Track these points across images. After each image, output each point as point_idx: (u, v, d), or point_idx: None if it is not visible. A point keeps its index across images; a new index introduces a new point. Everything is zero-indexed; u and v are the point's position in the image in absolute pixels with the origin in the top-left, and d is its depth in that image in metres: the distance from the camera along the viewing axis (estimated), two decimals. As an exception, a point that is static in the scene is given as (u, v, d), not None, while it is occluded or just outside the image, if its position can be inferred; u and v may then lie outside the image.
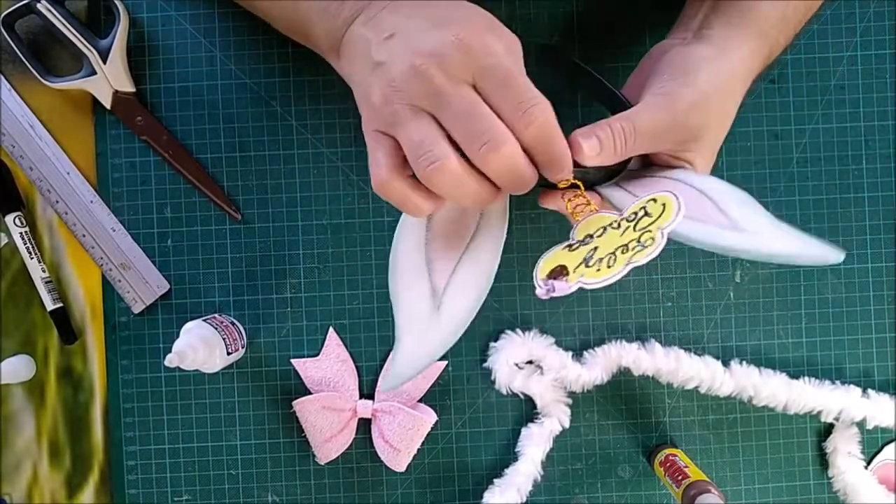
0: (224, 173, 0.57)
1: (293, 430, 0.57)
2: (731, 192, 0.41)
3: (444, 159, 0.37)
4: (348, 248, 0.57)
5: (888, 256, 0.58)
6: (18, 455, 0.57)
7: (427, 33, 0.38)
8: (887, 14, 0.58)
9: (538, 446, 0.56)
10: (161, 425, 0.57)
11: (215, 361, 0.51)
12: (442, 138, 0.37)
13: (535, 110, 0.37)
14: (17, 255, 0.56)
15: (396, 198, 0.39)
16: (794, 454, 0.58)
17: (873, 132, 0.58)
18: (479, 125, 0.37)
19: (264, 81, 0.57)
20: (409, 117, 0.38)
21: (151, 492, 0.57)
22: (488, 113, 0.37)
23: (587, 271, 0.39)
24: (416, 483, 0.58)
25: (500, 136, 0.37)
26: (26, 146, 0.56)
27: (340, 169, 0.57)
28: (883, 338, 0.58)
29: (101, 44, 0.55)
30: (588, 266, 0.39)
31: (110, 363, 0.57)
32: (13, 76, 0.57)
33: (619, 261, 0.38)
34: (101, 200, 0.57)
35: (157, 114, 0.57)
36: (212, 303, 0.57)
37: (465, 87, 0.37)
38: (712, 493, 0.48)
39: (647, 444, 0.58)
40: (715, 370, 0.56)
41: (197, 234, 0.57)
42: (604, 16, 0.57)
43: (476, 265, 0.43)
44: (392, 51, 0.38)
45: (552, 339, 0.57)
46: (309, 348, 0.57)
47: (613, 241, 0.39)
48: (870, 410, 0.56)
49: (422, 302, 0.42)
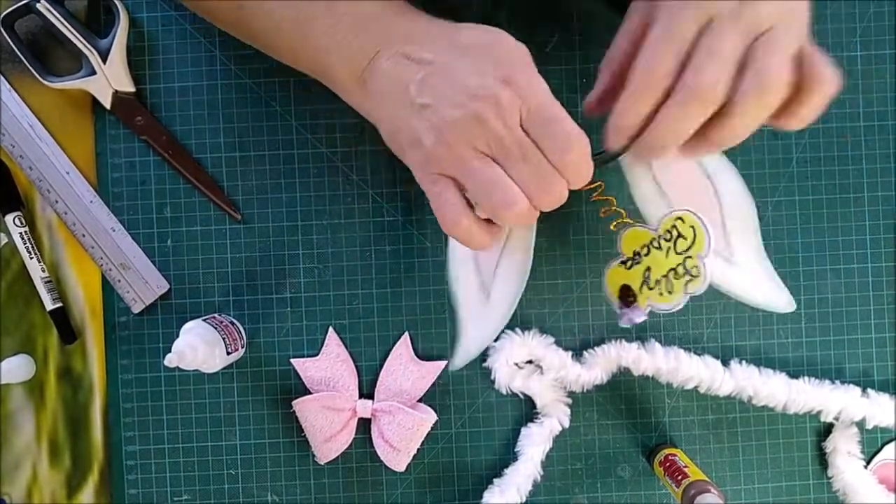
0: (224, 173, 0.57)
1: (293, 430, 0.57)
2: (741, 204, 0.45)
3: (519, 202, 0.40)
4: (348, 248, 0.57)
5: (888, 256, 0.58)
6: (18, 455, 0.57)
7: (469, 73, 0.39)
8: (887, 14, 0.58)
9: (538, 446, 0.56)
10: (161, 425, 0.57)
11: (215, 361, 0.51)
12: (510, 182, 0.40)
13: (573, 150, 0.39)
14: (16, 255, 0.56)
15: (465, 236, 0.42)
16: (794, 454, 0.58)
17: (873, 132, 0.58)
18: (534, 170, 0.39)
19: (264, 81, 0.57)
20: (472, 159, 0.40)
21: (151, 492, 0.57)
22: (540, 158, 0.40)
23: (651, 294, 0.44)
24: (416, 483, 0.58)
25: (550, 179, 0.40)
26: (26, 146, 0.56)
27: (340, 169, 0.57)
28: (883, 338, 0.58)
29: (100, 44, 0.55)
30: (650, 289, 0.44)
31: (110, 363, 0.57)
32: (13, 76, 0.57)
33: (676, 287, 0.44)
34: (101, 200, 0.57)
35: (156, 114, 0.57)
36: (212, 303, 0.57)
37: (518, 131, 0.39)
38: (712, 493, 0.48)
39: (647, 444, 0.58)
40: (715, 370, 0.56)
41: (197, 234, 0.57)
42: (603, 17, 0.57)
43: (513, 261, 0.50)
44: (437, 92, 0.40)
45: (552, 339, 0.57)
46: (309, 348, 0.57)
47: (662, 263, 0.44)
48: (870, 410, 0.56)
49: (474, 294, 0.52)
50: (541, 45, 0.57)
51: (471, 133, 0.39)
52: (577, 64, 0.57)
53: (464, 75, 0.39)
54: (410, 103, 0.41)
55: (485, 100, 0.38)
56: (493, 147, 0.39)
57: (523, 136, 0.39)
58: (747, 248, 0.46)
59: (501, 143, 0.39)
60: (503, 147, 0.39)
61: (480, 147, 0.40)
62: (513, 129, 0.39)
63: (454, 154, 0.40)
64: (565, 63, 0.57)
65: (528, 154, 0.39)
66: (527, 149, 0.39)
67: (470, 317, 0.54)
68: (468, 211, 0.42)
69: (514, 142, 0.39)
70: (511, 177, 0.40)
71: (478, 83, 0.39)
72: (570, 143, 0.39)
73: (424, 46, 0.41)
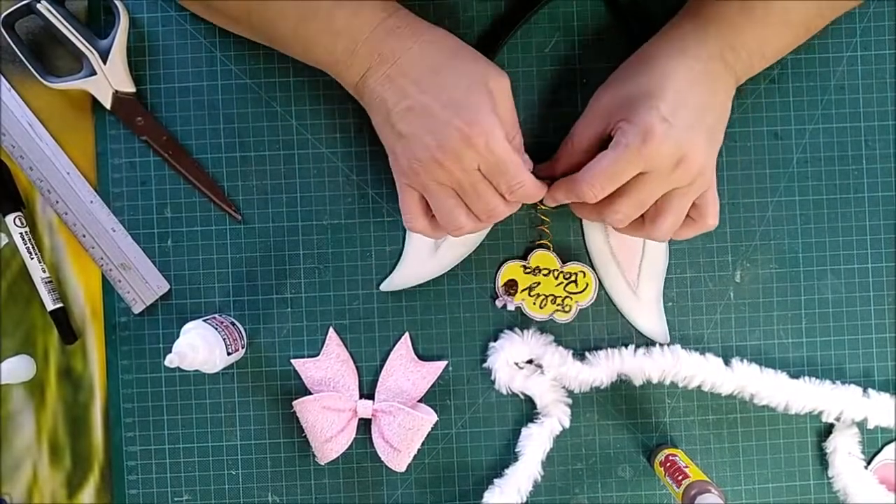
0: (224, 173, 0.57)
1: (293, 430, 0.57)
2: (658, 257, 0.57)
3: (466, 227, 0.49)
4: (348, 248, 0.57)
5: (888, 256, 0.58)
6: (18, 455, 0.57)
7: (439, 122, 0.46)
8: (887, 14, 0.58)
9: (538, 446, 0.56)
10: (161, 425, 0.57)
11: (215, 361, 0.51)
12: (462, 210, 0.49)
13: (520, 191, 0.48)
14: (17, 256, 0.56)
15: (418, 231, 0.51)
16: (794, 454, 0.58)
17: (873, 132, 0.58)
18: (485, 203, 0.48)
19: (264, 81, 0.57)
20: (434, 188, 0.48)
21: (151, 492, 0.57)
22: (492, 193, 0.48)
23: (528, 300, 0.57)
24: (416, 483, 0.58)
25: (497, 210, 0.49)
26: (26, 146, 0.56)
27: (340, 169, 0.57)
28: (883, 338, 0.58)
29: (101, 44, 0.55)
30: (530, 295, 0.57)
31: (110, 363, 0.57)
32: (13, 76, 0.57)
33: (547, 310, 0.57)
34: (101, 200, 0.57)
35: (157, 114, 0.57)
36: (212, 303, 0.57)
37: (474, 175, 0.47)
38: (712, 493, 0.48)
39: (647, 444, 0.58)
40: (716, 366, 0.56)
41: (197, 235, 0.57)
42: (603, 17, 0.57)
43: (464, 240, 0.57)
44: (412, 128, 0.47)
45: (552, 338, 0.57)
46: (309, 348, 0.57)
47: (549, 288, 0.57)
48: (870, 410, 0.56)
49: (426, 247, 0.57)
50: (541, 45, 0.57)
51: (434, 172, 0.47)
52: (577, 64, 0.57)
53: (437, 125, 0.46)
54: (392, 126, 0.48)
55: (447, 154, 0.46)
56: (453, 183, 0.48)
57: (479, 178, 0.47)
58: (650, 289, 0.57)
59: (459, 184, 0.48)
60: (461, 186, 0.48)
61: (442, 181, 0.47)
62: (470, 173, 0.47)
63: (420, 180, 0.48)
64: (565, 63, 0.57)
65: (480, 192, 0.48)
66: (480, 189, 0.48)
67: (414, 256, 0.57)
68: (425, 216, 0.50)
69: (469, 183, 0.47)
70: (465, 203, 0.49)
71: (444, 139, 0.46)
72: (520, 185, 0.48)
73: (409, 77, 0.47)
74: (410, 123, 0.47)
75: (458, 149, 0.46)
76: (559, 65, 0.57)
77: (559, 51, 0.57)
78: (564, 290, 0.57)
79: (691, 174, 0.47)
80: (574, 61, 0.57)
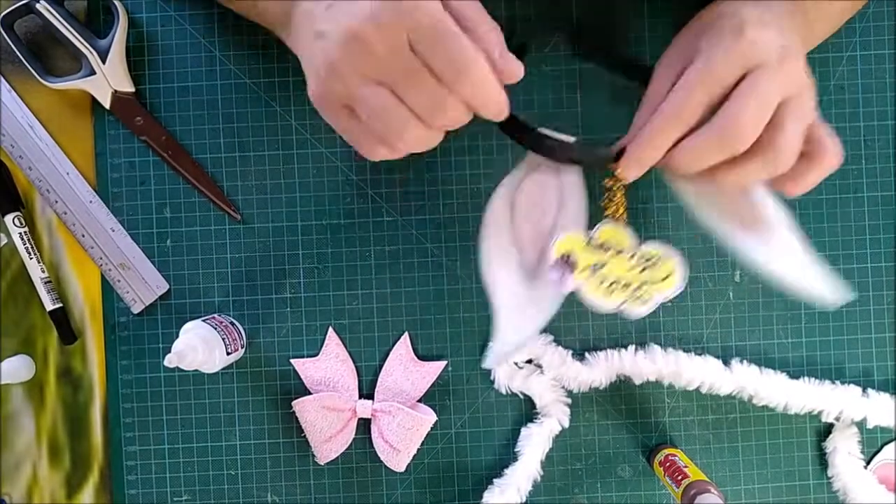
0: (224, 173, 0.57)
1: (293, 430, 0.57)
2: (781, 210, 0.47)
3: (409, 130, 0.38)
4: (348, 248, 0.57)
5: (888, 256, 0.58)
6: (18, 455, 0.57)
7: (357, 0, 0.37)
8: (887, 14, 0.58)
9: (538, 446, 0.56)
10: (161, 425, 0.57)
11: (215, 361, 0.51)
12: (403, 109, 0.38)
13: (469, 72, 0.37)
14: (16, 256, 0.56)
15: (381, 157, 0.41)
16: (794, 454, 0.58)
17: (873, 132, 0.58)
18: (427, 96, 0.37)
19: (264, 81, 0.57)
20: (360, 87, 0.38)
21: (151, 492, 0.57)
22: (434, 82, 0.37)
23: (589, 281, 0.45)
24: (416, 483, 0.58)
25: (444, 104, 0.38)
26: (25, 146, 0.56)
27: (340, 169, 0.57)
28: (883, 338, 0.58)
29: (100, 44, 0.55)
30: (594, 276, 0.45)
31: (110, 363, 0.57)
32: (12, 76, 0.56)
33: (615, 296, 0.45)
34: (100, 200, 0.57)
35: (156, 114, 0.57)
36: (211, 303, 0.57)
37: (405, 53, 0.37)
38: (712, 493, 0.48)
39: (646, 444, 0.58)
40: (715, 368, 0.56)
41: (197, 234, 0.57)
42: (603, 17, 0.57)
43: None
44: (332, 19, 0.38)
45: (552, 338, 0.57)
46: (309, 348, 0.57)
47: (620, 271, 0.45)
48: (869, 410, 0.56)
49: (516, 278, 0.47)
50: (541, 45, 0.57)
51: (357, 60, 0.37)
52: (577, 64, 0.57)
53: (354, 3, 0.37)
54: (313, 33, 0.39)
55: (365, 20, 0.36)
56: (381, 73, 0.37)
57: (411, 58, 0.37)
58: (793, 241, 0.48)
59: (388, 69, 0.37)
60: (390, 72, 0.37)
61: (370, 74, 0.37)
62: (398, 51, 0.37)
63: (345, 83, 0.38)
64: (565, 63, 0.57)
65: (417, 80, 0.37)
66: (415, 73, 0.37)
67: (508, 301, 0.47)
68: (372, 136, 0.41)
69: (400, 66, 0.37)
70: (404, 103, 0.38)
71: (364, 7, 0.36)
72: (465, 65, 0.37)
73: None
74: (332, 17, 0.38)
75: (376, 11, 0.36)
76: (559, 65, 0.57)
77: (559, 51, 0.57)
78: (639, 274, 0.46)
79: (799, 72, 0.40)
80: (574, 61, 0.57)
